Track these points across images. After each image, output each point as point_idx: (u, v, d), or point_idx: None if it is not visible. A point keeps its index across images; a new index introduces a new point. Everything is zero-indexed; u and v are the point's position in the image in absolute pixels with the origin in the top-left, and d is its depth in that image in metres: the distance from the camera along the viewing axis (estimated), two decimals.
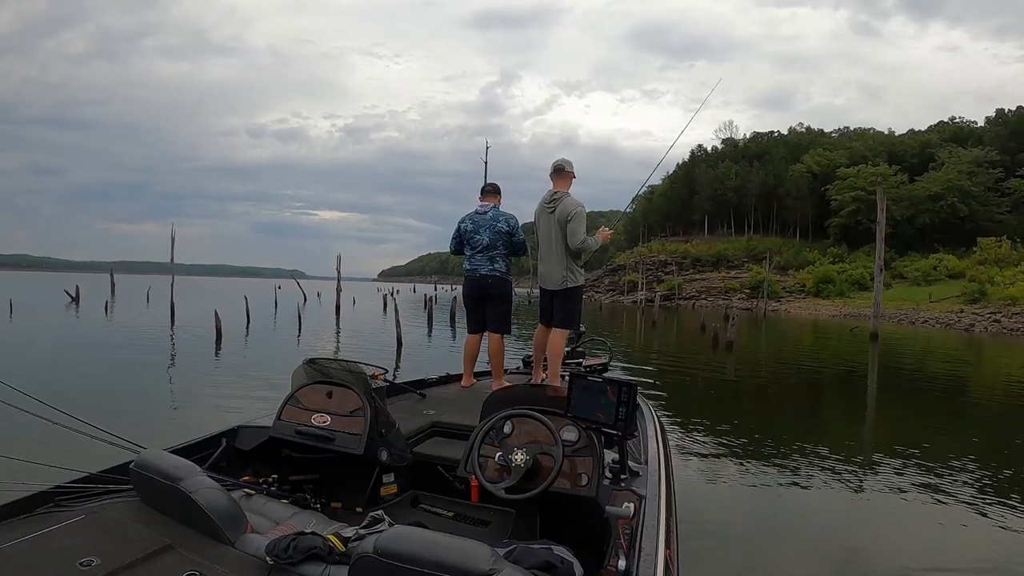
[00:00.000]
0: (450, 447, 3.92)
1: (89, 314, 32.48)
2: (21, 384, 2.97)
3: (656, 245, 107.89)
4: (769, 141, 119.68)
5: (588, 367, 6.38)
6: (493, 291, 5.94)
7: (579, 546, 2.39)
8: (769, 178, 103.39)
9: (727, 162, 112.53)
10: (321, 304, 48.18)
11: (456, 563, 1.62)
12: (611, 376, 4.06)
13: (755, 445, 8.42)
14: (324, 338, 23.92)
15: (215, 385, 12.30)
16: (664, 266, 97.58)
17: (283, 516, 2.74)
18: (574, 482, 2.83)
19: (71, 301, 42.57)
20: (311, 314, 37.97)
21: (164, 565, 1.98)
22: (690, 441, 8.43)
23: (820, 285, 79.74)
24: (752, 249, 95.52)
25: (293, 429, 3.44)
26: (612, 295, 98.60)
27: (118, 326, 26.50)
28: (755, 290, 78.45)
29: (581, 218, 5.61)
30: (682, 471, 7.09)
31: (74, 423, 3.02)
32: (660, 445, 3.51)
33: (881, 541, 5.38)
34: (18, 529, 2.17)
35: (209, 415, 8.76)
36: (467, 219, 5.98)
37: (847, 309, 64.66)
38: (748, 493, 6.62)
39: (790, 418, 11.21)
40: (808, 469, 7.34)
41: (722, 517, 5.81)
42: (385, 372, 4.45)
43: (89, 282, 63.76)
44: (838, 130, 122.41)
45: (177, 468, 2.27)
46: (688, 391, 13.88)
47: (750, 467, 7.40)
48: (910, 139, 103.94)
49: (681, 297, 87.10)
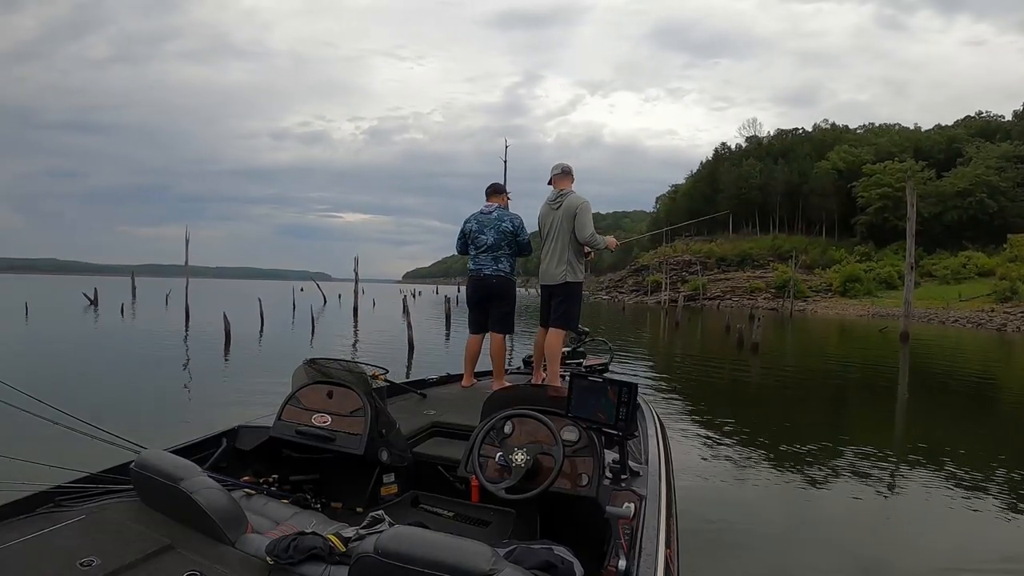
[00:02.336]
0: (450, 447, 3.91)
1: (105, 317, 32.79)
2: (22, 384, 2.99)
3: (680, 245, 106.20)
4: (793, 138, 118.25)
5: (588, 367, 6.35)
6: (497, 291, 5.96)
7: (579, 546, 2.38)
8: (794, 176, 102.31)
9: (751, 160, 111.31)
10: (341, 306, 48.13)
11: (456, 563, 1.62)
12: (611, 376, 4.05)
13: (781, 448, 8.31)
14: (338, 340, 23.88)
15: (217, 388, 12.38)
16: (688, 266, 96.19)
17: (283, 516, 2.75)
18: (574, 482, 2.84)
19: (90, 304, 42.90)
20: (329, 316, 38.14)
21: (164, 565, 1.98)
22: (716, 444, 8.35)
23: (847, 284, 78.61)
24: (777, 248, 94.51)
25: (293, 429, 3.45)
26: (636, 296, 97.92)
27: (132, 329, 26.75)
28: (781, 290, 77.58)
29: (588, 211, 5.70)
30: (707, 474, 7.11)
31: (74, 423, 3.03)
32: (660, 445, 3.50)
33: (908, 544, 5.34)
34: (18, 529, 2.17)
35: (205, 417, 8.73)
36: (472, 219, 6.00)
37: (875, 309, 64.34)
38: (773, 495, 6.57)
39: (817, 421, 11.01)
40: (835, 471, 7.26)
41: (747, 519, 5.79)
42: (385, 372, 4.44)
43: (112, 285, 64.56)
44: (863, 126, 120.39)
45: (177, 468, 2.27)
46: (712, 394, 13.68)
47: (776, 469, 7.34)
48: (936, 134, 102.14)
49: (706, 297, 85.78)
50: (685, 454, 7.73)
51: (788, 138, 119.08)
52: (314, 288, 60.21)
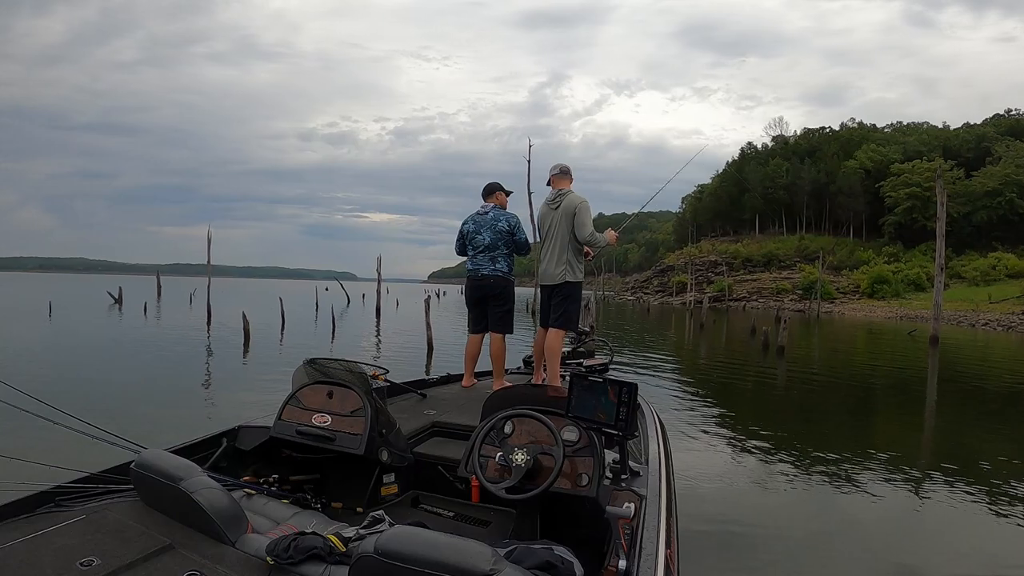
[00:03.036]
0: (451, 447, 3.92)
1: (128, 316, 33.11)
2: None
3: (706, 245, 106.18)
4: (820, 137, 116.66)
5: (589, 367, 6.35)
6: (495, 291, 5.97)
7: (580, 546, 2.38)
8: (821, 175, 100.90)
9: (777, 159, 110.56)
10: (364, 306, 48.18)
11: (457, 563, 1.62)
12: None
13: (806, 452, 8.18)
14: (358, 340, 23.95)
15: (232, 387, 12.40)
16: (714, 267, 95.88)
17: (284, 516, 2.76)
18: (575, 482, 2.83)
19: (114, 303, 43.33)
20: (353, 316, 38.21)
21: (164, 565, 1.98)
22: (740, 449, 8.27)
23: (875, 286, 77.55)
24: (804, 248, 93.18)
25: (294, 429, 3.44)
26: (661, 296, 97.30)
27: (153, 327, 26.93)
28: (807, 291, 76.17)
29: (587, 211, 5.70)
30: (730, 478, 7.06)
31: (74, 423, 3.03)
32: (661, 445, 3.50)
33: (937, 552, 5.27)
34: (19, 529, 2.18)
35: (218, 414, 8.80)
36: (469, 220, 6.03)
37: (903, 311, 63.13)
38: (797, 499, 6.49)
39: (843, 426, 10.71)
40: (861, 477, 7.12)
41: (771, 523, 5.74)
42: (386, 372, 4.46)
43: (138, 284, 65.20)
44: (891, 125, 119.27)
45: (177, 468, 2.28)
46: (736, 398, 13.43)
47: (800, 474, 7.22)
48: (965, 133, 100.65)
49: (731, 298, 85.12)
50: (707, 459, 7.73)
51: (815, 137, 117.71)
52: (339, 288, 60.45)
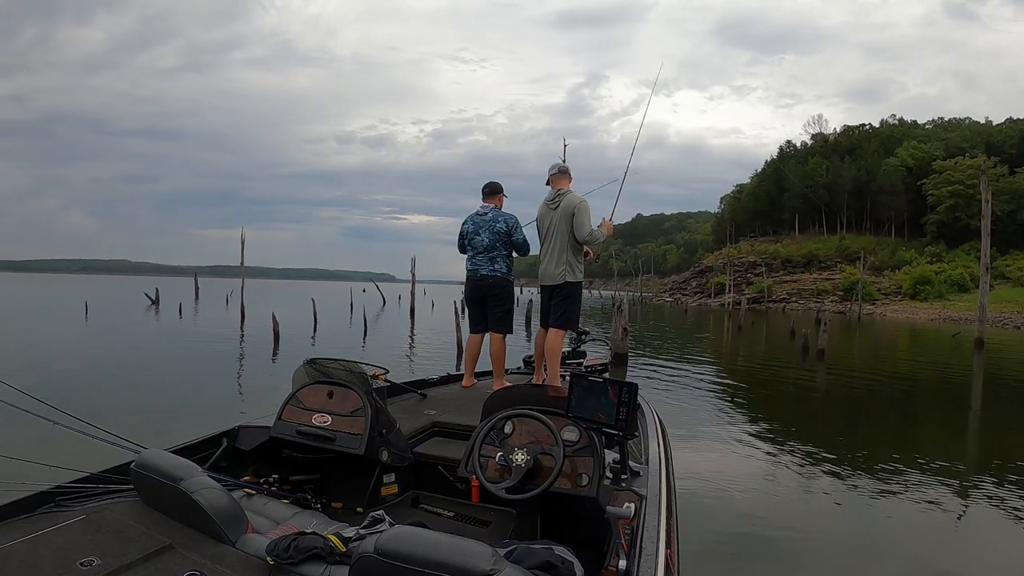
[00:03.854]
0: (451, 447, 3.92)
1: (163, 316, 33.65)
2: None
3: (745, 245, 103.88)
4: (860, 134, 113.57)
5: (589, 367, 6.32)
6: (494, 291, 5.99)
7: (580, 546, 2.37)
8: (861, 173, 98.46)
9: (817, 157, 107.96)
10: (400, 307, 48.30)
11: (457, 563, 1.62)
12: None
13: (845, 457, 8.03)
14: (390, 341, 23.97)
15: (255, 386, 12.41)
16: (753, 267, 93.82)
17: (284, 516, 2.76)
18: (575, 482, 2.84)
19: (151, 304, 43.96)
20: (388, 317, 38.43)
21: (164, 565, 1.99)
22: (777, 452, 8.18)
23: (917, 287, 75.46)
24: (845, 249, 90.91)
25: (294, 429, 3.45)
26: (699, 297, 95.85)
27: (186, 328, 27.34)
28: (848, 292, 74.93)
29: (586, 210, 5.68)
30: (768, 483, 7.02)
31: (74, 423, 3.04)
32: (661, 445, 3.49)
33: (980, 559, 5.19)
34: (19, 529, 2.18)
35: (222, 417, 8.69)
36: (468, 220, 6.06)
37: (946, 312, 62.00)
38: (835, 505, 6.39)
39: (884, 431, 10.43)
40: (901, 483, 7.00)
41: (809, 529, 5.68)
42: (386, 372, 4.47)
43: (178, 285, 66.14)
44: (932, 121, 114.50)
45: (177, 468, 2.28)
46: (774, 402, 13.23)
47: (839, 479, 7.12)
48: (1009, 128, 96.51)
49: (771, 300, 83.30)
50: (742, 463, 7.70)
51: (855, 134, 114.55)
52: (375, 289, 60.76)
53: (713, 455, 8.01)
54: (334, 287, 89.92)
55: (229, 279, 34.14)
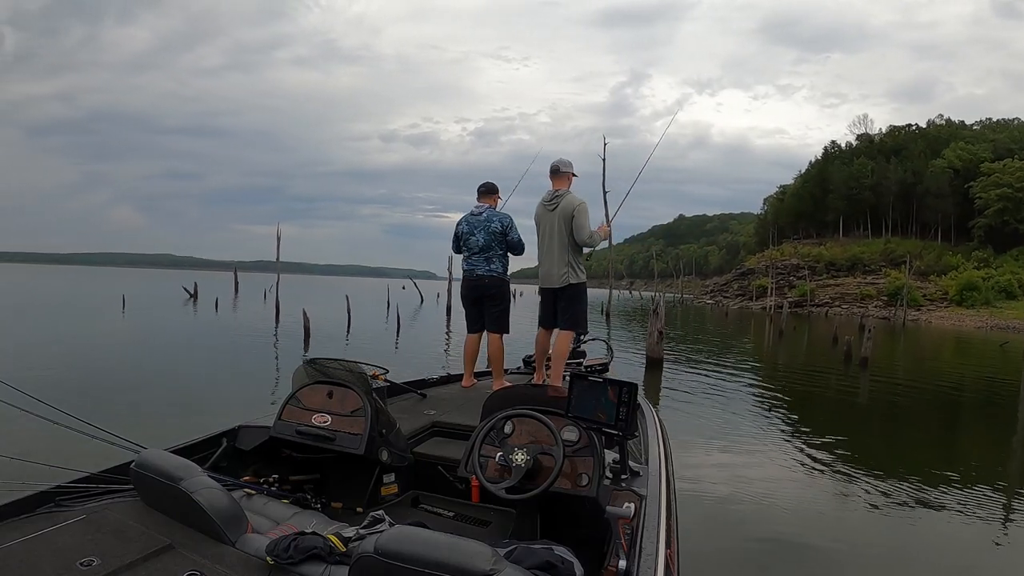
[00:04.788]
0: (451, 447, 3.92)
1: (200, 311, 34.06)
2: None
3: (787, 247, 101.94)
4: (906, 135, 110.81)
5: (589, 367, 6.28)
6: (490, 291, 6.01)
7: (580, 546, 2.37)
8: (907, 175, 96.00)
9: (862, 159, 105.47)
10: (437, 304, 47.94)
11: (457, 563, 1.62)
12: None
13: (884, 471, 7.80)
14: (423, 338, 23.89)
15: (271, 386, 12.16)
16: (796, 270, 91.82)
17: (284, 516, 2.77)
18: (575, 482, 2.84)
19: (189, 298, 44.51)
20: (425, 315, 38.47)
21: (164, 565, 1.99)
22: (815, 463, 8.02)
23: (964, 293, 73.34)
24: (890, 252, 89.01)
25: (294, 429, 3.45)
26: (741, 300, 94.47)
27: (220, 323, 27.51)
28: (893, 297, 72.13)
29: (585, 212, 5.66)
30: (806, 493, 6.93)
31: (74, 423, 3.05)
32: (661, 445, 3.50)
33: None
34: (19, 529, 2.19)
35: (234, 416, 8.72)
36: (463, 221, 6.07)
37: (993, 320, 60.45)
38: (874, 517, 6.25)
39: (927, 446, 10.22)
40: (942, 497, 6.82)
41: (846, 540, 5.59)
42: (386, 372, 4.49)
43: (219, 280, 66.89)
44: (980, 121, 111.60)
45: (177, 468, 2.28)
46: (815, 412, 12.85)
47: (878, 492, 6.95)
48: None
49: (813, 304, 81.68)
50: (779, 472, 7.61)
51: (901, 135, 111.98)
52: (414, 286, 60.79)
53: (751, 461, 7.99)
54: (374, 283, 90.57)
55: (270, 274, 34.69)
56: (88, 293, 50.09)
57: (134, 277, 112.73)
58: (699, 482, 6.79)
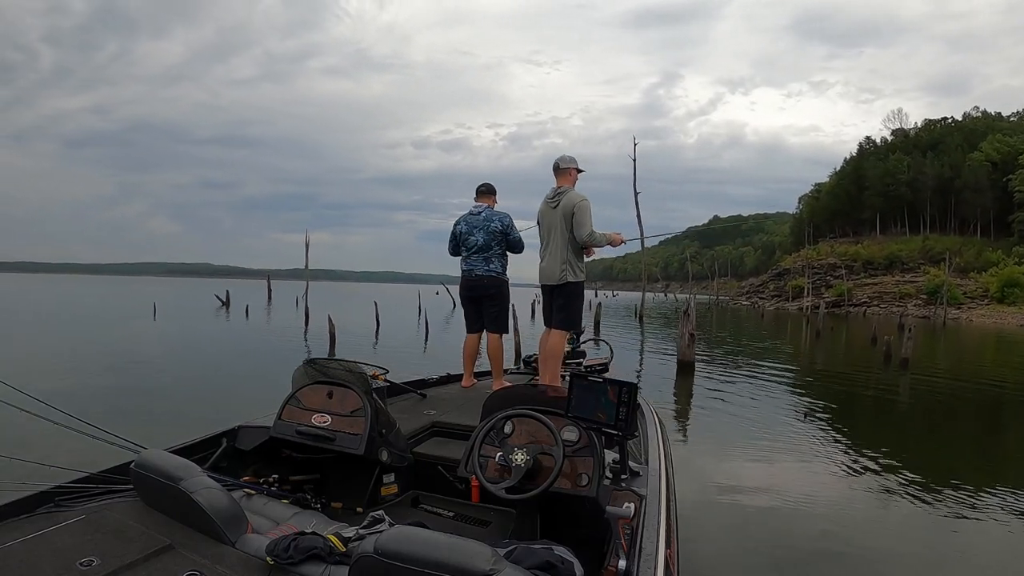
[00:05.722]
0: (451, 447, 3.93)
1: (232, 318, 34.39)
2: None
3: (824, 247, 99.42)
4: (942, 129, 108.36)
5: (588, 367, 6.25)
6: (489, 291, 6.02)
7: (580, 546, 2.37)
8: (944, 169, 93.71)
9: (898, 154, 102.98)
10: None
11: (457, 563, 1.63)
12: None
13: (924, 474, 7.57)
14: (451, 343, 22.69)
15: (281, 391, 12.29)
16: (832, 269, 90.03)
17: (283, 516, 2.77)
18: (574, 482, 2.84)
19: (221, 305, 44.90)
20: (457, 320, 38.27)
21: (164, 565, 1.99)
22: (854, 467, 7.84)
23: (1005, 290, 70.61)
24: (928, 250, 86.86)
25: (293, 429, 3.46)
26: (777, 301, 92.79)
27: (250, 330, 27.67)
28: (932, 296, 70.45)
29: (586, 210, 5.63)
30: (847, 496, 6.79)
31: (74, 423, 3.06)
32: (661, 445, 3.50)
33: None
34: (18, 529, 2.19)
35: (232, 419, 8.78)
36: (461, 221, 6.07)
37: None
38: (912, 522, 6.12)
39: (970, 450, 9.77)
40: (983, 504, 6.57)
41: (884, 545, 5.47)
42: (386, 372, 4.51)
43: (254, 288, 67.66)
44: (1017, 113, 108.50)
45: (177, 468, 2.29)
46: (853, 414, 12.48)
47: (917, 496, 6.77)
48: None
49: (851, 304, 79.96)
50: (817, 475, 7.47)
51: (937, 129, 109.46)
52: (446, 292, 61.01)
53: (788, 465, 7.85)
54: (408, 289, 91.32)
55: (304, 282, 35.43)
56: (122, 301, 50.65)
57: (170, 286, 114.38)
58: (736, 487, 6.72)
